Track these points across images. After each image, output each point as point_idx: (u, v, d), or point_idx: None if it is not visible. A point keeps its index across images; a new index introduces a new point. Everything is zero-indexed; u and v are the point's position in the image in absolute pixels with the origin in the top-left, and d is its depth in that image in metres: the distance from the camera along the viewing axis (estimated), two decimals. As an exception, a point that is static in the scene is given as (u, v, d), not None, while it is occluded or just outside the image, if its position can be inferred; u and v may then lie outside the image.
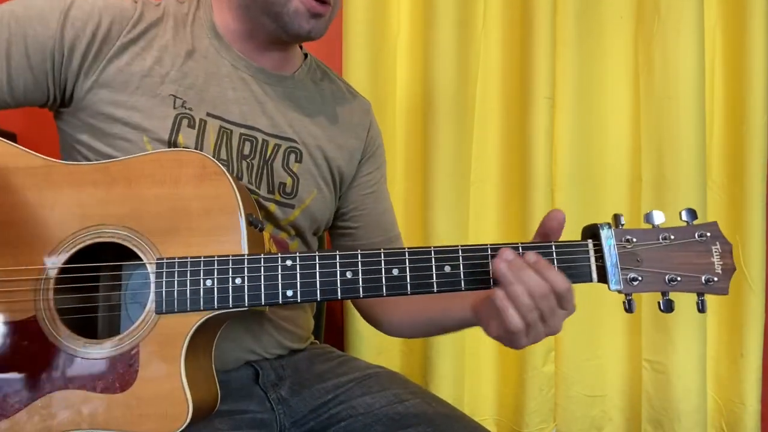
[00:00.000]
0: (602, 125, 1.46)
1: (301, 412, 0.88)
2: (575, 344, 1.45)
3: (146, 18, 0.85)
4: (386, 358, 1.43)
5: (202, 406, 0.71)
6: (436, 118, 1.39)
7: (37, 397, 0.69)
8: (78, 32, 0.80)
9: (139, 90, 0.82)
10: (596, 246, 0.71)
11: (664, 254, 0.71)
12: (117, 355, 0.69)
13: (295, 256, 0.70)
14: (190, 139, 0.83)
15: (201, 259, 0.70)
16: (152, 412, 0.67)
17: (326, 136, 0.95)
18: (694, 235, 0.72)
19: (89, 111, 0.82)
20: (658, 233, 0.71)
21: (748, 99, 1.41)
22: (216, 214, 0.71)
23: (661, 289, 0.71)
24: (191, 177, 0.72)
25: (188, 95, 0.84)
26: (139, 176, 0.73)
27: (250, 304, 0.69)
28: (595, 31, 1.45)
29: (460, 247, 0.70)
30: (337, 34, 1.42)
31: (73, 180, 0.74)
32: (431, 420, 0.81)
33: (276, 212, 0.89)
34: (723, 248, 0.71)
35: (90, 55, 0.81)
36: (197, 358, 0.73)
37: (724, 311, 1.49)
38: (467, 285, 0.70)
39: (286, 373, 0.91)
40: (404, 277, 0.70)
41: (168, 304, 0.69)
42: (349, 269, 0.70)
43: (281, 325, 0.93)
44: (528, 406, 1.42)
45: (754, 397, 1.44)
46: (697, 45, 1.36)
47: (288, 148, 0.90)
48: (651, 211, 0.72)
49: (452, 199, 1.39)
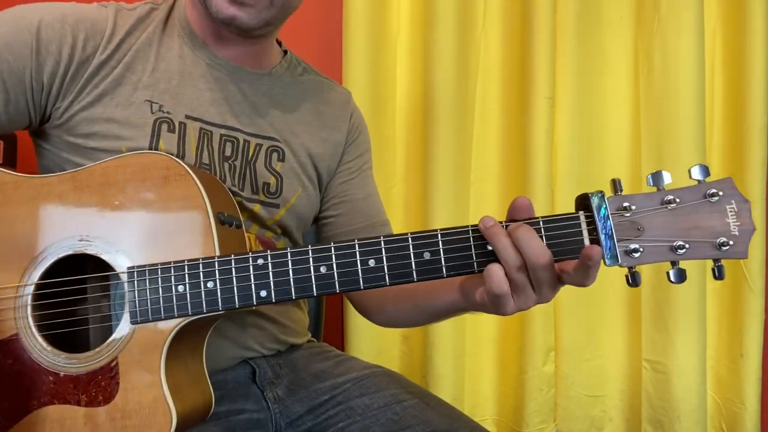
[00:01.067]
0: (602, 125, 1.46)
1: (297, 412, 0.87)
2: (575, 344, 1.45)
3: (119, 29, 0.83)
4: (386, 357, 1.43)
5: (191, 413, 0.70)
6: (436, 117, 1.39)
7: (24, 415, 0.68)
8: (55, 57, 0.78)
9: (113, 100, 0.80)
10: (588, 217, 0.64)
11: (669, 220, 0.63)
12: (98, 368, 0.68)
13: (267, 254, 0.67)
14: (171, 144, 0.81)
15: (171, 265, 0.68)
16: (136, 423, 0.66)
17: (309, 132, 0.94)
18: (704, 194, 0.63)
19: (66, 128, 0.80)
20: (662, 197, 0.63)
21: (748, 99, 1.41)
22: (184, 216, 0.69)
23: (668, 258, 0.63)
24: (157, 180, 0.70)
25: (164, 99, 0.82)
26: (104, 184, 0.71)
27: (224, 307, 0.67)
28: (595, 31, 1.45)
29: (440, 231, 0.65)
30: (337, 34, 1.42)
31: (41, 193, 0.72)
32: (430, 420, 0.80)
33: (261, 212, 0.88)
34: (739, 206, 0.63)
35: (67, 78, 0.79)
36: (184, 364, 0.72)
37: (724, 311, 1.49)
38: (449, 271, 0.65)
39: (283, 371, 0.91)
40: (381, 267, 0.65)
41: (142, 314, 0.67)
42: (323, 264, 0.66)
43: (275, 319, 0.92)
44: (528, 406, 1.42)
45: (754, 397, 1.44)
46: (697, 45, 1.36)
47: (270, 147, 0.89)
48: (656, 172, 0.64)
49: (452, 198, 1.39)
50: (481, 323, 1.48)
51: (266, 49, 0.92)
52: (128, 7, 0.86)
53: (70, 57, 0.79)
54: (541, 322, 1.41)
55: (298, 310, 0.99)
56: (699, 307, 1.39)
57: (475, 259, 0.65)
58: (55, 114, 0.80)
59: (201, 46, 0.87)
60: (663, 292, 1.40)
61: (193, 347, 0.74)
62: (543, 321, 1.41)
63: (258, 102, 0.90)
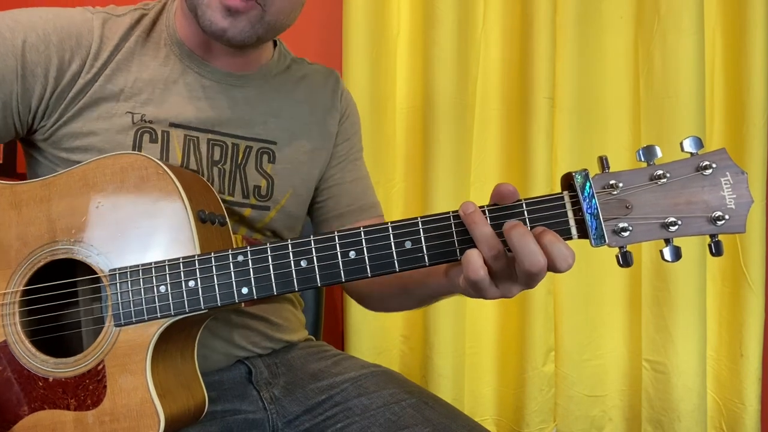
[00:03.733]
0: (602, 125, 1.46)
1: (294, 412, 0.86)
2: (575, 344, 1.45)
3: (107, 43, 0.82)
4: (386, 357, 1.43)
5: (181, 414, 0.69)
6: (436, 118, 1.39)
7: (16, 421, 0.68)
8: (41, 80, 0.78)
9: (94, 113, 0.80)
10: (573, 197, 0.61)
11: (659, 196, 0.60)
12: (85, 372, 0.68)
13: (246, 251, 0.66)
14: (153, 154, 0.80)
15: (152, 266, 0.67)
16: (125, 426, 0.66)
17: (301, 125, 0.93)
18: (697, 168, 0.60)
19: (50, 142, 0.81)
20: (651, 172, 0.60)
21: (748, 99, 1.41)
22: (164, 215, 0.69)
23: (660, 236, 0.61)
24: (135, 180, 0.70)
25: (146, 109, 0.82)
26: (82, 186, 0.71)
27: (206, 306, 0.67)
28: (595, 31, 1.45)
29: (420, 219, 0.64)
30: (337, 34, 1.42)
31: (23, 199, 0.72)
32: (429, 420, 0.80)
33: (252, 215, 0.88)
34: (735, 178, 0.60)
35: (53, 98, 0.79)
36: (173, 365, 0.71)
37: (724, 311, 1.49)
38: (431, 260, 0.64)
39: (279, 371, 0.91)
40: (362, 259, 0.64)
41: (125, 316, 0.67)
42: (303, 258, 0.65)
43: (265, 318, 0.91)
44: (528, 406, 1.42)
45: (754, 397, 1.43)
46: (697, 45, 1.36)
47: (260, 149, 0.89)
48: (648, 146, 0.61)
49: (452, 198, 1.39)
50: (482, 323, 1.48)
51: (256, 54, 0.91)
52: (117, 13, 0.85)
53: (56, 80, 0.79)
54: (541, 322, 1.41)
55: (290, 306, 0.98)
56: (699, 306, 1.38)
57: (458, 246, 0.64)
58: (41, 130, 0.81)
59: (188, 54, 0.86)
60: (663, 292, 1.39)
61: (182, 348, 0.74)
62: (543, 321, 1.41)
63: (248, 104, 0.89)
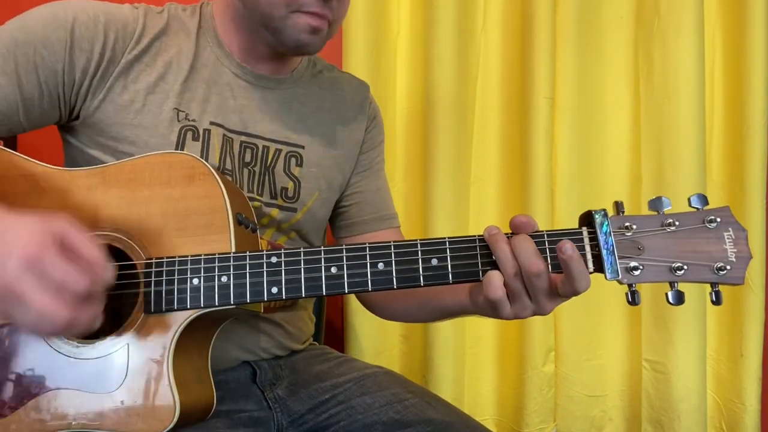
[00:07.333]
0: (602, 125, 1.47)
1: (298, 412, 0.87)
2: (575, 344, 1.45)
3: (149, 30, 0.85)
4: (386, 358, 1.43)
5: (193, 407, 0.71)
6: (436, 118, 1.39)
7: (32, 397, 0.69)
8: (87, 54, 0.81)
9: (144, 107, 0.83)
10: (591, 233, 0.67)
11: (669, 242, 0.66)
12: (107, 355, 0.69)
13: (280, 253, 0.70)
14: (194, 152, 0.83)
15: (188, 258, 0.70)
16: (141, 412, 0.68)
17: (329, 130, 0.96)
18: (703, 220, 0.66)
19: (96, 129, 0.83)
20: (662, 219, 0.66)
21: (748, 99, 1.41)
22: (205, 213, 0.72)
23: (667, 279, 0.67)
24: (181, 178, 0.73)
25: (191, 107, 0.85)
26: (131, 180, 0.74)
27: (236, 301, 0.69)
28: (595, 31, 1.45)
29: (448, 239, 0.69)
30: (337, 34, 1.42)
31: (70, 185, 0.75)
32: (431, 419, 0.81)
33: (279, 217, 0.90)
34: (737, 234, 0.66)
35: (97, 75, 0.82)
36: (190, 359, 0.73)
37: (724, 311, 1.49)
38: (455, 278, 0.68)
39: (283, 372, 0.92)
40: (390, 271, 0.68)
41: (156, 304, 0.70)
42: (333, 264, 0.69)
43: (280, 326, 0.93)
44: (528, 406, 1.42)
45: (754, 397, 1.43)
46: (697, 45, 1.36)
47: (289, 153, 0.91)
48: (657, 197, 0.67)
49: (452, 199, 1.39)
50: (481, 323, 1.48)
51: (292, 59, 0.95)
52: (156, 10, 0.89)
53: (101, 55, 0.81)
54: (541, 322, 1.41)
55: (308, 320, 1.01)
56: (699, 307, 1.39)
57: (480, 267, 0.68)
58: (85, 112, 0.82)
59: (227, 55, 0.90)
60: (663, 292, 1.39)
61: (200, 345, 0.76)
62: (543, 321, 1.41)
63: (280, 107, 0.92)
